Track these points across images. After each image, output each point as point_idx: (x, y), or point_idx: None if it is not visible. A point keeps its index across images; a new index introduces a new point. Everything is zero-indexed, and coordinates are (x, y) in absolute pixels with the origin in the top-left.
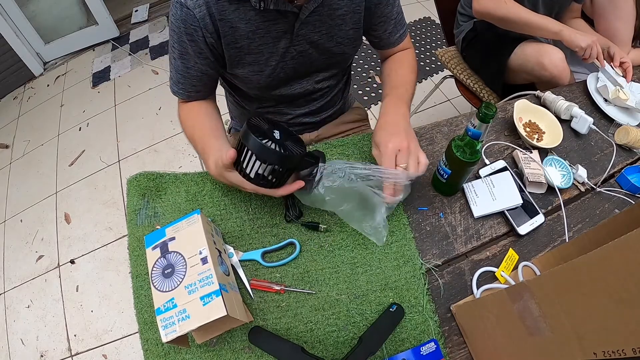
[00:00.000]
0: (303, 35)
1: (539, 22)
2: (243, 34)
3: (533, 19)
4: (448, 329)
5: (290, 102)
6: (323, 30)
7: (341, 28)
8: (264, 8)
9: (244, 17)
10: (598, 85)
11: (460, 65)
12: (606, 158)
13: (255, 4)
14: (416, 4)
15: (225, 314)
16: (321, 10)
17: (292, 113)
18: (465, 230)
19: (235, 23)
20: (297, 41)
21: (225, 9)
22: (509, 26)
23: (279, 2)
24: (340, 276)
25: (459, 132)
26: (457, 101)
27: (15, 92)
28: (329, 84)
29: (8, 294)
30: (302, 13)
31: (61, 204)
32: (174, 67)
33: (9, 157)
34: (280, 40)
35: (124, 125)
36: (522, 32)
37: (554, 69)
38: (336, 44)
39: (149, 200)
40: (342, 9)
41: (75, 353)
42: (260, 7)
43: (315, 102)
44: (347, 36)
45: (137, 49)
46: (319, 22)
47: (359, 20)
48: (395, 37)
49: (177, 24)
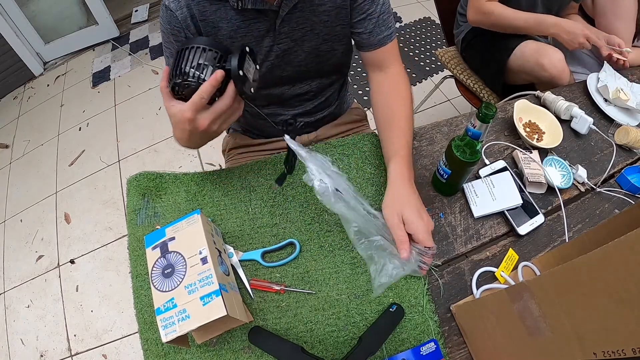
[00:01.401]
0: (286, 32)
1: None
2: (225, 33)
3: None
4: (448, 329)
5: (282, 103)
6: (307, 26)
7: (326, 25)
8: (242, 8)
9: (225, 17)
10: (598, 86)
11: (460, 65)
12: (606, 158)
13: (234, 3)
14: (416, 4)
15: (225, 314)
16: (303, 6)
17: (286, 113)
18: (465, 230)
19: (217, 23)
20: (280, 39)
21: (206, 10)
22: (505, 31)
23: (257, 2)
24: (340, 276)
25: (459, 132)
26: (457, 101)
27: (15, 92)
28: (321, 84)
29: (8, 294)
30: (282, 10)
31: (61, 203)
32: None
33: (8, 157)
34: (264, 39)
35: (124, 125)
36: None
37: (553, 70)
38: (323, 41)
39: (149, 200)
40: (327, 4)
41: (75, 353)
42: (238, 6)
43: (309, 103)
44: (334, 32)
45: (137, 49)
46: (301, 19)
47: (346, 16)
48: (377, 38)
49: (164, 26)
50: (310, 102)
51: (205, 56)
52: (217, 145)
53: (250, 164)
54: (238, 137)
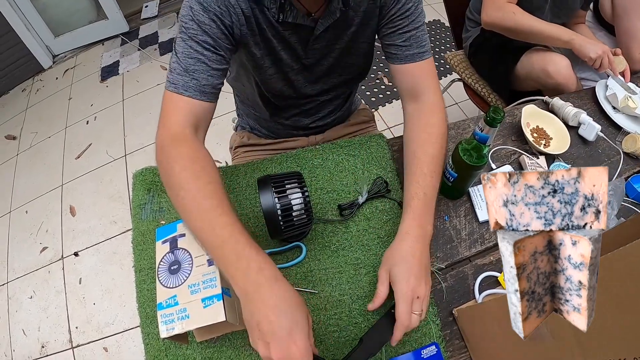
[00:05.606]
0: (316, 49)
1: (550, 31)
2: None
3: (544, 28)
4: (449, 332)
5: (301, 111)
6: (337, 45)
7: (355, 42)
8: (282, 20)
9: (266, 21)
10: (607, 93)
11: (469, 69)
12: (613, 166)
13: (274, 14)
14: (426, 7)
15: (223, 320)
16: (337, 25)
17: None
18: (470, 234)
19: (261, 24)
20: (311, 54)
21: (254, 7)
22: (518, 36)
23: (297, 16)
24: (344, 277)
25: (466, 136)
26: (465, 104)
27: (23, 84)
28: (338, 93)
29: (11, 284)
30: (316, 29)
31: (67, 196)
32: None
33: (16, 148)
34: (295, 50)
35: (131, 120)
36: (532, 41)
37: (558, 77)
38: (348, 56)
39: (154, 196)
40: (356, 25)
41: (76, 345)
42: (278, 18)
43: (324, 109)
44: (360, 49)
45: (146, 44)
46: (333, 37)
47: (373, 33)
48: (408, 53)
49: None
50: (326, 108)
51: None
52: (223, 142)
53: (257, 162)
54: (246, 135)
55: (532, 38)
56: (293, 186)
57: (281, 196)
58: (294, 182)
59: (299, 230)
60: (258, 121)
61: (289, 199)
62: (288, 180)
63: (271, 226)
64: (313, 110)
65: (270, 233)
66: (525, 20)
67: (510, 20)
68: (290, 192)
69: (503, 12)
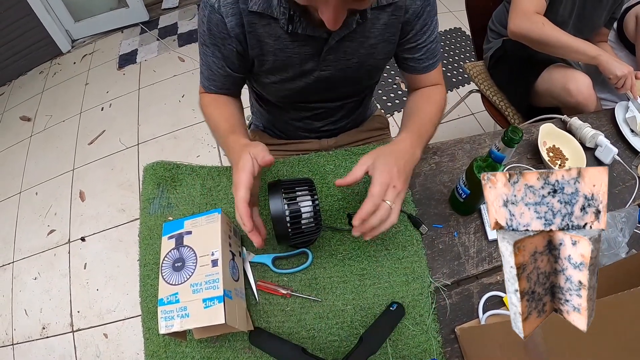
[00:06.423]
0: (330, 60)
1: (577, 46)
2: (270, 50)
3: (571, 42)
4: (450, 350)
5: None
6: (354, 58)
7: (372, 56)
8: (292, 32)
9: (273, 34)
10: (627, 116)
11: (488, 81)
12: (627, 191)
13: (284, 26)
14: (448, 14)
15: (223, 322)
16: (352, 36)
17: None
18: (478, 252)
19: (263, 38)
20: (324, 66)
21: (255, 22)
22: (544, 49)
23: (307, 28)
24: (348, 286)
25: (481, 151)
26: (481, 116)
27: (41, 66)
28: (351, 101)
29: (17, 264)
30: (331, 39)
31: (77, 181)
32: (205, 63)
33: (30, 130)
34: (307, 62)
35: (146, 109)
36: (557, 55)
37: (579, 96)
38: (362, 68)
39: (164, 190)
40: (376, 37)
41: (76, 329)
42: (288, 30)
43: (337, 114)
44: (377, 64)
45: (165, 34)
46: (349, 49)
47: (392, 50)
48: (422, 66)
49: (207, 26)
50: (339, 113)
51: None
52: None
53: None
54: (258, 135)
55: (558, 51)
56: (304, 193)
57: (291, 202)
58: (304, 189)
59: (306, 237)
60: (271, 121)
61: (299, 206)
62: (299, 187)
63: (279, 232)
64: (324, 115)
65: (277, 238)
66: (554, 33)
67: (538, 31)
68: (301, 200)
69: (531, 23)
